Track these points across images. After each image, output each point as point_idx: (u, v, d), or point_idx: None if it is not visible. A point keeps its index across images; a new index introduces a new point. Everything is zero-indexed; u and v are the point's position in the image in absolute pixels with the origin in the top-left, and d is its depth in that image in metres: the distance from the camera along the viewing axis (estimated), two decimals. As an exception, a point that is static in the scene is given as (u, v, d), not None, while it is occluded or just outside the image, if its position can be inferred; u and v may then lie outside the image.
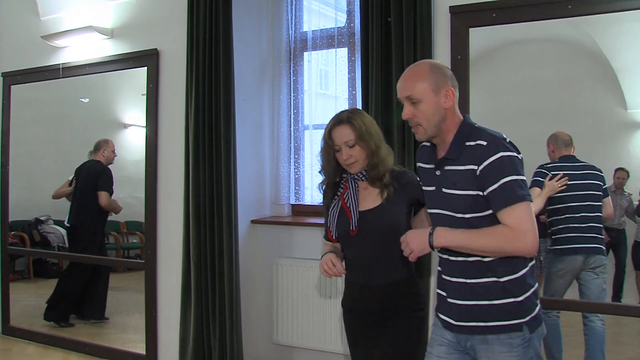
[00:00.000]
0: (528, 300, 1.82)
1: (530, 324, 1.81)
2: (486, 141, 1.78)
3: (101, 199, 4.25)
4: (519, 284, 1.81)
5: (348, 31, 3.66)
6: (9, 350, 4.33)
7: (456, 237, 1.80)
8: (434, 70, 1.87)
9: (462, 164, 1.81)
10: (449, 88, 1.87)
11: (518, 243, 1.71)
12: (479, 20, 2.81)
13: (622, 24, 2.70)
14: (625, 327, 3.04)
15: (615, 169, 2.76)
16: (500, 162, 1.74)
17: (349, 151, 2.18)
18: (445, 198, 1.87)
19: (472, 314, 1.85)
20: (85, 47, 4.23)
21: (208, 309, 3.54)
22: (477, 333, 1.84)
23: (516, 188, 1.72)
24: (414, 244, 1.86)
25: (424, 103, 1.85)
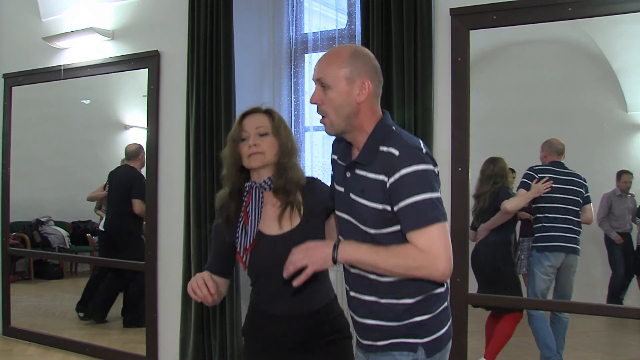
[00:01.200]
0: (429, 322, 1.63)
1: (427, 346, 1.62)
2: (399, 150, 1.54)
3: (135, 207, 4.20)
4: (421, 306, 1.62)
5: (349, 33, 3.66)
6: (9, 351, 4.33)
7: (363, 255, 1.57)
8: (356, 57, 1.62)
9: (373, 172, 1.58)
10: (366, 80, 1.60)
11: (429, 269, 1.50)
12: (480, 22, 2.81)
13: (622, 25, 2.71)
14: (627, 329, 3.05)
15: (618, 172, 2.77)
16: (413, 176, 1.51)
17: (257, 139, 1.85)
18: (352, 205, 1.65)
19: (367, 331, 1.68)
20: (86, 49, 4.23)
21: (208, 310, 3.53)
22: (375, 351, 1.67)
23: (429, 208, 1.51)
24: (314, 257, 1.58)
25: (333, 90, 1.60)
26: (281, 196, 1.87)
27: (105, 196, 4.41)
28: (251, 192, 1.89)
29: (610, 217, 2.86)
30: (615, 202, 2.82)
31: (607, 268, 2.88)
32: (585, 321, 3.03)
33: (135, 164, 4.26)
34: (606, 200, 2.85)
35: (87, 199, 4.51)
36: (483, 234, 3.02)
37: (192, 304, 3.58)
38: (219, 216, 1.97)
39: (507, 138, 3.03)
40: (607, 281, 2.87)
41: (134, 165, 4.27)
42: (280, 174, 1.86)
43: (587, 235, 2.91)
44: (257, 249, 1.87)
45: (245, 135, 1.87)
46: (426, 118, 2.85)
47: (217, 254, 1.97)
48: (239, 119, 1.91)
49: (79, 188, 4.52)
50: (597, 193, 2.85)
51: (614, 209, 2.85)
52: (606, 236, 2.91)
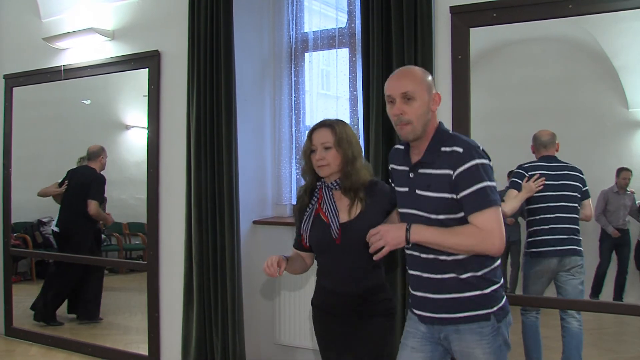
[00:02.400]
0: (494, 293, 1.95)
1: (497, 314, 1.94)
2: (462, 148, 1.88)
3: (90, 208, 4.26)
4: (484, 279, 1.94)
5: (349, 32, 3.66)
6: (12, 351, 4.34)
7: (431, 234, 1.89)
8: (426, 75, 2.00)
9: (438, 168, 1.92)
10: (437, 93, 2.00)
11: (486, 243, 1.84)
12: (480, 20, 2.81)
13: (623, 22, 2.70)
14: (628, 326, 3.04)
15: (618, 169, 2.75)
16: (475, 168, 1.85)
17: (323, 153, 2.22)
18: (418, 199, 1.96)
19: (442, 306, 1.97)
20: (86, 49, 4.23)
21: (210, 310, 3.54)
22: (450, 324, 1.96)
23: (489, 193, 1.84)
24: (390, 237, 1.91)
25: (418, 101, 1.93)
26: (349, 194, 2.25)
27: (60, 193, 4.44)
28: (322, 190, 2.30)
29: (605, 212, 2.84)
30: (612, 198, 2.81)
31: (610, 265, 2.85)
32: (587, 318, 3.02)
33: (95, 165, 4.30)
34: (603, 197, 2.81)
35: (37, 194, 4.54)
36: None
37: (194, 303, 3.59)
38: (297, 203, 2.40)
39: (508, 136, 3.01)
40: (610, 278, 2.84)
41: (94, 166, 4.31)
42: (345, 178, 2.24)
43: (589, 233, 2.89)
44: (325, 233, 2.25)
45: (313, 148, 2.25)
46: (427, 116, 2.84)
47: (298, 235, 2.40)
48: (309, 133, 2.29)
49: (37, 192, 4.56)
50: (598, 190, 2.83)
51: (609, 204, 2.82)
52: (602, 231, 2.87)
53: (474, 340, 1.93)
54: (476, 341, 1.93)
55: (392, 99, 1.96)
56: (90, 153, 4.33)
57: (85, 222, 4.34)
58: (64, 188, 4.43)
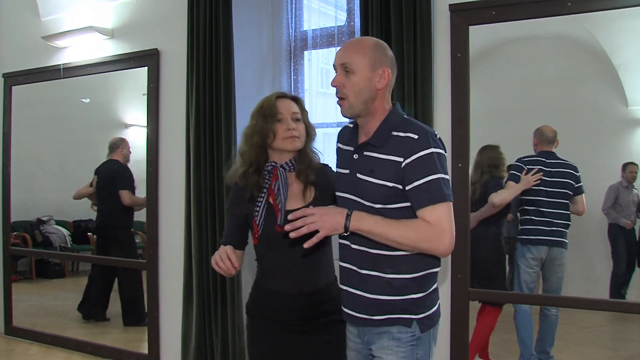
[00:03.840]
0: (423, 300, 1.78)
1: (422, 322, 1.77)
2: (417, 135, 1.70)
3: (123, 198, 4.24)
4: (415, 283, 1.76)
5: (348, 30, 3.66)
6: (12, 350, 4.34)
7: (374, 224, 1.69)
8: (377, 48, 1.79)
9: (385, 153, 1.73)
10: (387, 69, 1.77)
11: (436, 241, 1.66)
12: (479, 17, 2.81)
13: (622, 20, 2.70)
14: (630, 324, 3.04)
15: (624, 164, 2.77)
16: (429, 158, 1.68)
17: (294, 124, 1.98)
18: (358, 184, 1.78)
19: (366, 306, 1.79)
20: (85, 48, 4.23)
21: (210, 308, 3.54)
22: (371, 325, 1.80)
23: (441, 187, 1.67)
24: (327, 221, 1.67)
25: (357, 75, 1.75)
26: (303, 177, 2.01)
27: (93, 193, 4.42)
28: (276, 171, 1.99)
29: (616, 207, 2.85)
30: (622, 193, 2.82)
31: (609, 263, 2.86)
32: (587, 317, 3.03)
33: (117, 157, 4.29)
34: (613, 191, 2.82)
35: (73, 198, 4.52)
36: (472, 223, 2.96)
37: (194, 302, 3.59)
38: (235, 192, 2.07)
39: (508, 134, 3.02)
40: (608, 275, 2.86)
41: (116, 158, 4.29)
42: (302, 158, 2.01)
43: (590, 229, 2.90)
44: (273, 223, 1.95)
45: (280, 117, 1.98)
46: (426, 114, 2.85)
47: (233, 228, 2.08)
48: (273, 99, 2.01)
49: (79, 187, 4.51)
50: (599, 188, 2.83)
51: (620, 199, 2.83)
52: (609, 230, 2.88)
53: (390, 346, 1.76)
54: (392, 347, 1.76)
55: (335, 69, 1.80)
56: (110, 146, 4.31)
57: (121, 215, 4.31)
58: (94, 187, 4.40)
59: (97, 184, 4.38)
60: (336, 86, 1.79)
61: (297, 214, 1.69)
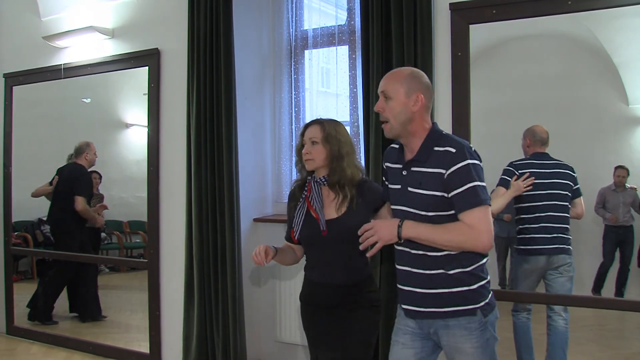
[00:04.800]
0: (481, 289, 2.01)
1: (484, 309, 2.00)
2: (455, 149, 1.94)
3: (77, 204, 4.27)
4: (470, 276, 1.99)
5: (349, 29, 3.66)
6: (13, 349, 4.34)
7: (422, 231, 1.95)
8: (412, 76, 2.04)
9: (430, 167, 1.97)
10: (420, 94, 2.01)
11: (475, 241, 1.90)
12: (479, 16, 2.81)
13: (622, 19, 2.70)
14: (628, 323, 3.04)
15: (614, 167, 2.76)
16: (467, 168, 1.91)
17: (309, 147, 2.32)
18: (410, 196, 2.02)
19: (431, 301, 2.01)
20: (86, 47, 4.23)
21: (211, 307, 3.54)
22: (438, 317, 2.01)
23: (479, 192, 1.90)
24: (383, 232, 1.97)
25: (394, 101, 2.01)
26: (336, 190, 2.34)
27: (51, 192, 4.47)
28: (310, 184, 2.38)
29: (601, 210, 2.83)
30: (609, 196, 2.80)
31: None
32: (587, 315, 3.02)
33: (81, 162, 4.32)
34: (600, 195, 2.81)
35: (31, 195, 4.57)
36: None
37: (195, 301, 3.59)
38: (289, 201, 2.48)
39: (508, 133, 3.01)
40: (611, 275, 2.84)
41: (80, 162, 4.32)
42: (332, 173, 2.32)
43: (589, 229, 2.88)
44: (313, 227, 2.32)
45: (304, 143, 2.35)
46: (427, 113, 2.85)
47: (288, 227, 2.48)
48: (303, 129, 2.39)
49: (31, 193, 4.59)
50: (598, 187, 2.82)
51: (607, 202, 2.81)
52: (605, 228, 2.86)
53: (462, 335, 1.99)
54: (464, 336, 1.99)
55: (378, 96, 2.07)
56: (75, 149, 4.36)
57: (74, 219, 4.34)
58: (53, 186, 4.45)
59: (57, 185, 4.42)
60: (377, 111, 2.06)
61: (361, 230, 2.01)
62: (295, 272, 3.58)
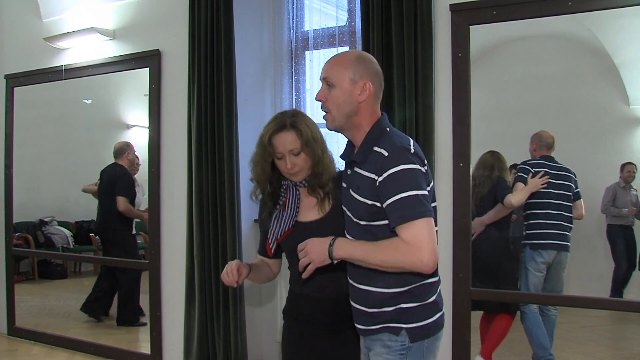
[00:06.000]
0: (415, 309, 1.74)
1: (412, 332, 1.73)
2: (387, 151, 1.66)
3: (119, 204, 4.26)
4: (408, 294, 1.73)
5: (349, 30, 3.67)
6: (14, 350, 4.35)
7: (354, 250, 1.71)
8: (359, 61, 1.77)
9: (366, 170, 1.72)
10: (367, 82, 1.74)
11: (413, 260, 1.60)
12: (480, 17, 2.81)
13: (623, 19, 2.70)
14: (630, 323, 3.05)
15: (622, 164, 2.77)
16: (399, 175, 1.63)
17: (293, 159, 1.97)
18: (350, 199, 1.79)
19: (361, 316, 1.82)
20: (87, 49, 4.24)
21: (212, 308, 3.55)
22: (365, 334, 1.83)
23: (414, 204, 1.61)
24: (314, 253, 1.73)
25: (337, 89, 1.74)
26: (318, 191, 2.03)
27: (96, 192, 4.46)
28: (289, 190, 2.06)
29: (612, 209, 2.85)
30: (619, 193, 2.82)
31: (609, 262, 2.86)
32: (588, 315, 3.03)
33: (122, 162, 4.30)
34: (610, 192, 2.83)
35: (81, 190, 4.55)
36: (479, 229, 2.98)
37: (196, 302, 3.59)
38: (261, 212, 2.17)
39: (509, 133, 3.02)
40: (609, 275, 2.85)
41: (121, 163, 4.31)
42: (314, 177, 2.01)
43: (590, 229, 2.90)
44: (293, 235, 2.02)
45: (279, 156, 1.98)
46: (427, 114, 2.85)
47: (262, 239, 2.21)
48: (268, 137, 1.99)
49: (81, 188, 4.53)
50: (600, 187, 2.84)
51: (617, 200, 2.83)
52: (608, 230, 2.88)
53: (381, 353, 1.77)
54: (383, 354, 1.76)
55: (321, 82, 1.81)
56: (115, 151, 4.33)
57: (119, 220, 4.32)
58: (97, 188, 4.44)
59: (99, 186, 4.40)
60: (319, 100, 1.79)
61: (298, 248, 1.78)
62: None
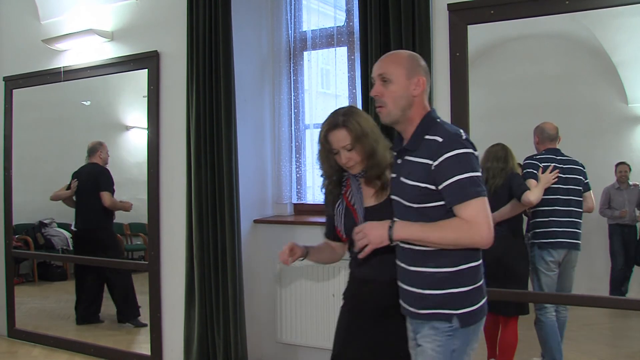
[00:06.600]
0: (466, 295, 1.87)
1: (462, 318, 1.85)
2: (442, 137, 1.83)
3: (104, 200, 4.28)
4: (458, 277, 1.87)
5: (347, 30, 3.67)
6: (14, 352, 4.35)
7: (415, 231, 1.85)
8: (412, 59, 1.95)
9: (419, 157, 1.87)
10: (421, 77, 1.92)
11: (473, 235, 1.77)
12: (477, 17, 2.81)
13: (621, 18, 2.70)
14: (630, 321, 3.04)
15: (616, 164, 2.76)
16: (454, 159, 1.79)
17: (347, 154, 2.18)
18: (401, 186, 1.93)
19: (411, 299, 1.94)
20: (86, 50, 4.24)
21: (212, 309, 3.55)
22: (415, 318, 1.95)
23: (470, 185, 1.78)
24: (373, 235, 1.87)
25: (394, 84, 1.90)
26: (375, 182, 2.22)
27: (70, 196, 4.47)
28: (349, 181, 2.28)
29: (607, 211, 2.83)
30: (614, 195, 2.81)
31: (607, 260, 2.85)
32: (588, 314, 3.02)
33: (96, 160, 4.34)
34: (604, 194, 2.81)
35: (50, 199, 4.57)
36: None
37: (196, 302, 3.59)
38: (326, 199, 2.37)
39: (507, 133, 3.02)
40: (609, 273, 2.85)
41: (95, 161, 4.35)
42: (370, 168, 2.20)
43: (590, 227, 2.89)
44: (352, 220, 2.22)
45: (335, 151, 2.21)
46: (426, 114, 2.85)
47: (327, 224, 2.42)
48: (324, 135, 2.22)
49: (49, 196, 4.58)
50: (598, 185, 2.83)
51: (612, 201, 2.82)
52: (609, 228, 2.87)
53: (429, 335, 1.89)
54: (430, 335, 1.88)
55: (374, 80, 1.96)
56: (89, 150, 4.37)
57: (104, 218, 4.36)
58: (73, 190, 4.44)
59: (78, 187, 4.42)
60: (375, 95, 1.93)
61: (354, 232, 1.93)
62: (295, 273, 3.58)
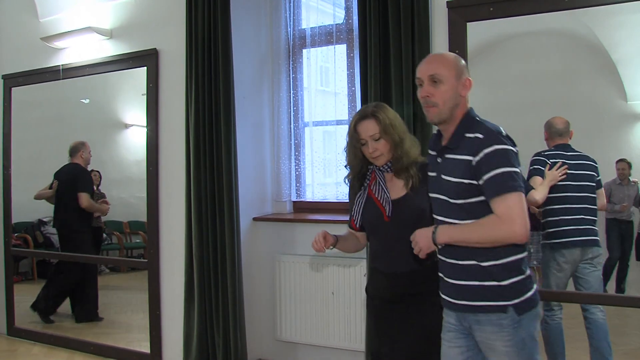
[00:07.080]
0: (515, 285, 1.92)
1: (517, 307, 1.90)
2: (483, 134, 1.89)
3: (81, 201, 4.30)
4: (505, 269, 1.92)
5: (346, 27, 3.66)
6: (14, 351, 4.35)
7: (454, 233, 1.94)
8: (458, 60, 2.02)
9: (460, 154, 1.92)
10: (468, 78, 2.00)
11: (507, 231, 1.81)
12: (477, 14, 2.81)
13: (621, 15, 2.70)
14: (629, 319, 3.04)
15: (616, 160, 2.76)
16: (494, 154, 1.84)
17: (374, 144, 2.25)
18: (443, 184, 1.98)
19: (462, 293, 1.98)
20: (84, 48, 4.24)
21: (211, 307, 3.55)
22: (468, 311, 1.97)
23: (507, 179, 1.82)
24: (422, 242, 2.00)
25: (445, 84, 1.95)
26: (401, 176, 2.30)
27: (51, 195, 4.49)
28: (374, 173, 2.34)
29: (611, 204, 2.83)
30: (615, 190, 2.80)
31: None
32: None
33: (78, 161, 4.36)
34: (606, 189, 2.79)
35: (34, 198, 4.61)
36: None
37: (195, 301, 3.60)
38: (350, 191, 2.44)
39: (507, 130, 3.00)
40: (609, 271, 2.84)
41: (77, 161, 4.36)
42: (396, 161, 2.27)
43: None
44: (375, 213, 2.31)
45: (363, 142, 2.28)
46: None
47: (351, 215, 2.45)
48: (353, 126, 2.30)
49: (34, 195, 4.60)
50: (599, 183, 2.84)
51: (613, 197, 2.80)
52: (607, 222, 2.85)
53: (493, 332, 1.92)
54: (495, 332, 1.92)
55: (421, 81, 2.00)
56: (70, 149, 4.39)
57: (80, 218, 4.37)
58: (54, 190, 4.47)
59: (58, 187, 4.44)
60: (426, 96, 1.98)
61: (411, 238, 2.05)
62: (294, 271, 3.59)
